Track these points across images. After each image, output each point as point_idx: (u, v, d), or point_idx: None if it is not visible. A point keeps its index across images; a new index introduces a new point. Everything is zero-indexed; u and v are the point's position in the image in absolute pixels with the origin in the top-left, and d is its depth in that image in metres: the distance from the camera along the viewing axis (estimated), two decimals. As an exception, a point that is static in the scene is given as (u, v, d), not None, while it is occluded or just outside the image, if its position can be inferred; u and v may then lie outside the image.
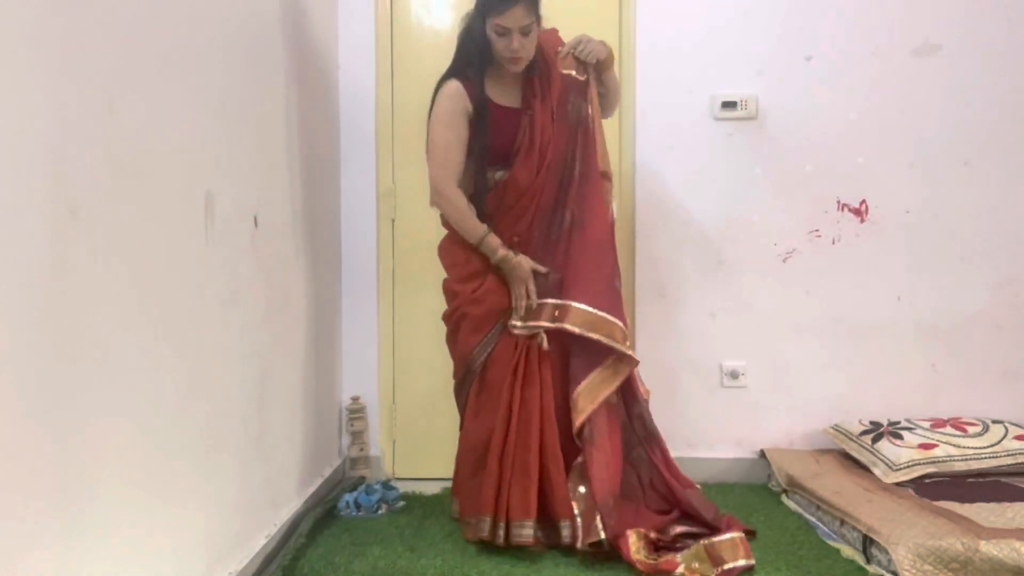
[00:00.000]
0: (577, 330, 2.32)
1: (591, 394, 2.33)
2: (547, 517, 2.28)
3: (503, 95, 2.38)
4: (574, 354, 2.38)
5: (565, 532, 2.25)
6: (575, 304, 2.34)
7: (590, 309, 2.34)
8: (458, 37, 2.39)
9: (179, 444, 1.65)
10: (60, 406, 1.24)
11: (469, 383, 2.42)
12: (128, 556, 1.45)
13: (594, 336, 2.31)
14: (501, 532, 2.24)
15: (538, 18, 2.27)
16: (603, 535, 2.20)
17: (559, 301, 2.36)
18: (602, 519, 2.22)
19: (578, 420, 2.30)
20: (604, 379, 2.35)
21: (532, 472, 2.26)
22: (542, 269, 2.37)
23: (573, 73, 2.41)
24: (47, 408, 1.21)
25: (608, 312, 2.34)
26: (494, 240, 2.36)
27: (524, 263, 2.35)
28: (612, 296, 2.39)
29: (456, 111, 2.34)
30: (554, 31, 2.46)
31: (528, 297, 2.35)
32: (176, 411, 1.64)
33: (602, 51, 2.39)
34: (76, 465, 1.28)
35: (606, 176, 2.47)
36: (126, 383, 1.43)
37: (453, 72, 2.37)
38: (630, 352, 2.36)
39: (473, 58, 2.33)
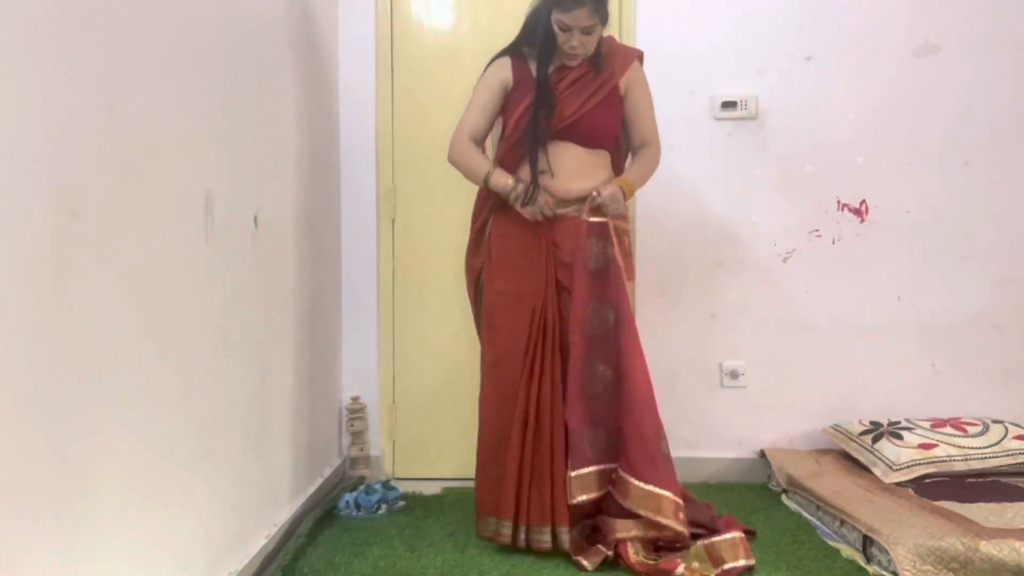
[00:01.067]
0: (640, 511, 2.20)
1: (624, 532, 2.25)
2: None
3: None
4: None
5: (563, 538, 2.23)
6: (631, 480, 2.22)
7: (637, 483, 2.20)
8: (527, 15, 2.39)
9: (179, 444, 1.65)
10: (59, 406, 1.24)
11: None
12: (127, 557, 1.45)
13: (642, 513, 2.19)
14: (522, 536, 2.25)
15: (603, 18, 2.27)
16: (608, 552, 2.21)
17: (611, 467, 2.26)
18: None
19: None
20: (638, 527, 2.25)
21: (547, 477, 2.26)
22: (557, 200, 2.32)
23: (594, 219, 2.31)
24: (46, 407, 1.21)
25: (657, 485, 2.19)
26: (500, 175, 2.33)
27: (540, 198, 2.30)
28: (659, 462, 2.23)
29: (493, 80, 2.41)
30: (638, 52, 2.46)
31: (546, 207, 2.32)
32: (176, 411, 1.63)
33: (621, 207, 2.33)
34: (75, 465, 1.28)
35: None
36: (125, 383, 1.43)
37: (510, 48, 2.43)
38: (682, 528, 2.19)
39: (536, 43, 2.34)
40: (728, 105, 3.00)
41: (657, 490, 2.19)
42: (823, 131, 3.01)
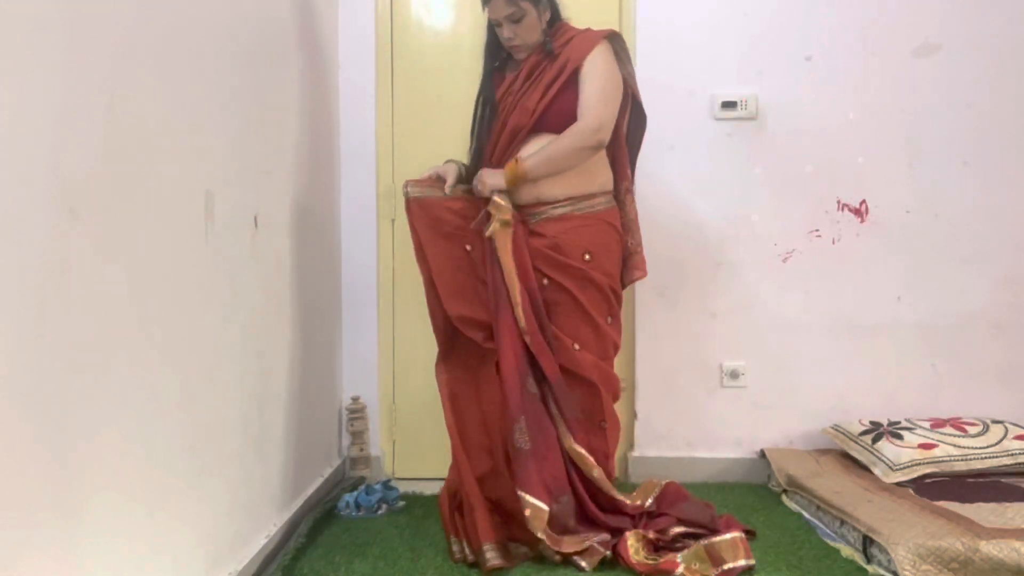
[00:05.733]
0: None
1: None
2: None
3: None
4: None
5: (549, 553, 2.17)
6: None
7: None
8: None
9: (179, 444, 1.65)
10: (59, 405, 1.24)
11: None
12: (127, 557, 1.45)
13: None
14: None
15: (537, 3, 2.30)
16: (607, 552, 2.19)
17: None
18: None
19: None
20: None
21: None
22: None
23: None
24: (46, 407, 1.21)
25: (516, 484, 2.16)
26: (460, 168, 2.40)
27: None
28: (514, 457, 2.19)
29: (478, 97, 2.51)
30: (606, 32, 2.37)
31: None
32: (176, 411, 1.63)
33: (495, 183, 2.27)
34: (75, 464, 1.28)
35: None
36: (126, 383, 1.43)
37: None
38: (540, 536, 2.12)
39: (487, 50, 2.45)
40: (728, 105, 3.00)
41: (522, 494, 2.14)
42: (823, 131, 3.00)
